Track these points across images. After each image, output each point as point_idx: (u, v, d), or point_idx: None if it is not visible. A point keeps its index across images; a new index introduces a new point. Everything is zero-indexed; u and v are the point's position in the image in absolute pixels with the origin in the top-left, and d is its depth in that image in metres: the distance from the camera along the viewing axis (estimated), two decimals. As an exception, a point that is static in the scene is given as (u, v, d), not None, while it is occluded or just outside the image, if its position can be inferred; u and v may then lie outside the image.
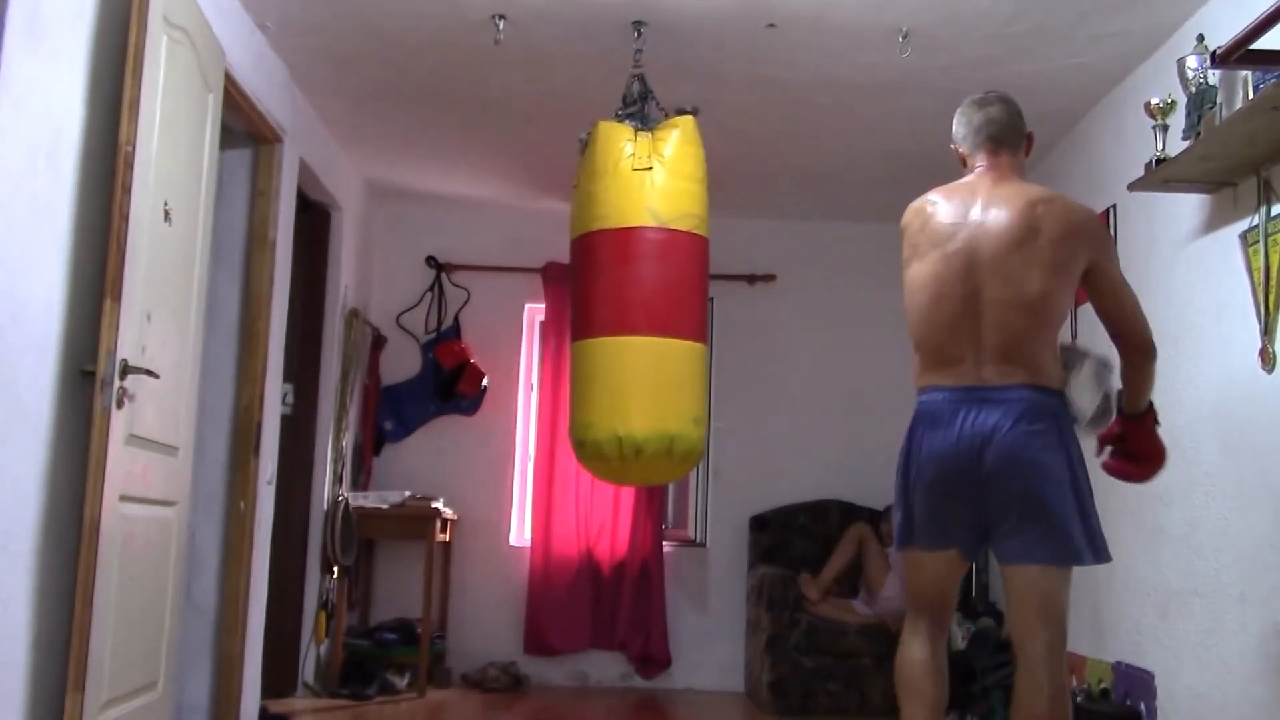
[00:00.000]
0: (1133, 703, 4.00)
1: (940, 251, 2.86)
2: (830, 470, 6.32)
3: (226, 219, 4.35)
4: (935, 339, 2.86)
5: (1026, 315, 2.78)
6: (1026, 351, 2.79)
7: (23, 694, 2.78)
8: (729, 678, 6.15)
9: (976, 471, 2.77)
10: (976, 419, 2.78)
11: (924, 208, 2.97)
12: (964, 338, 2.81)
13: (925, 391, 2.90)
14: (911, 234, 2.95)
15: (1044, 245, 2.79)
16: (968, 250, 2.82)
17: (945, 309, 2.83)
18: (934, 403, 2.86)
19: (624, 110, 4.01)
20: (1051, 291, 2.79)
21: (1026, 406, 2.76)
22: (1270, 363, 3.28)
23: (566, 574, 6.17)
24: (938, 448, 2.83)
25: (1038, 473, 2.74)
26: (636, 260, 3.80)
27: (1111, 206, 4.47)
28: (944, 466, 2.82)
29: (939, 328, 2.85)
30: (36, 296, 2.80)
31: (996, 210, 2.85)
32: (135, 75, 3.00)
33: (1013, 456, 2.75)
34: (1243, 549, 3.41)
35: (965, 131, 3.08)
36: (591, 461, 3.89)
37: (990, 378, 2.79)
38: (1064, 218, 2.83)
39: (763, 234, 6.51)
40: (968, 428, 2.78)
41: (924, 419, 2.88)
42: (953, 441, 2.80)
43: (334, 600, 5.55)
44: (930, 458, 2.85)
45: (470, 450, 6.36)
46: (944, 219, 2.89)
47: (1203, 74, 3.49)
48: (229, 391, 4.34)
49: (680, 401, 3.80)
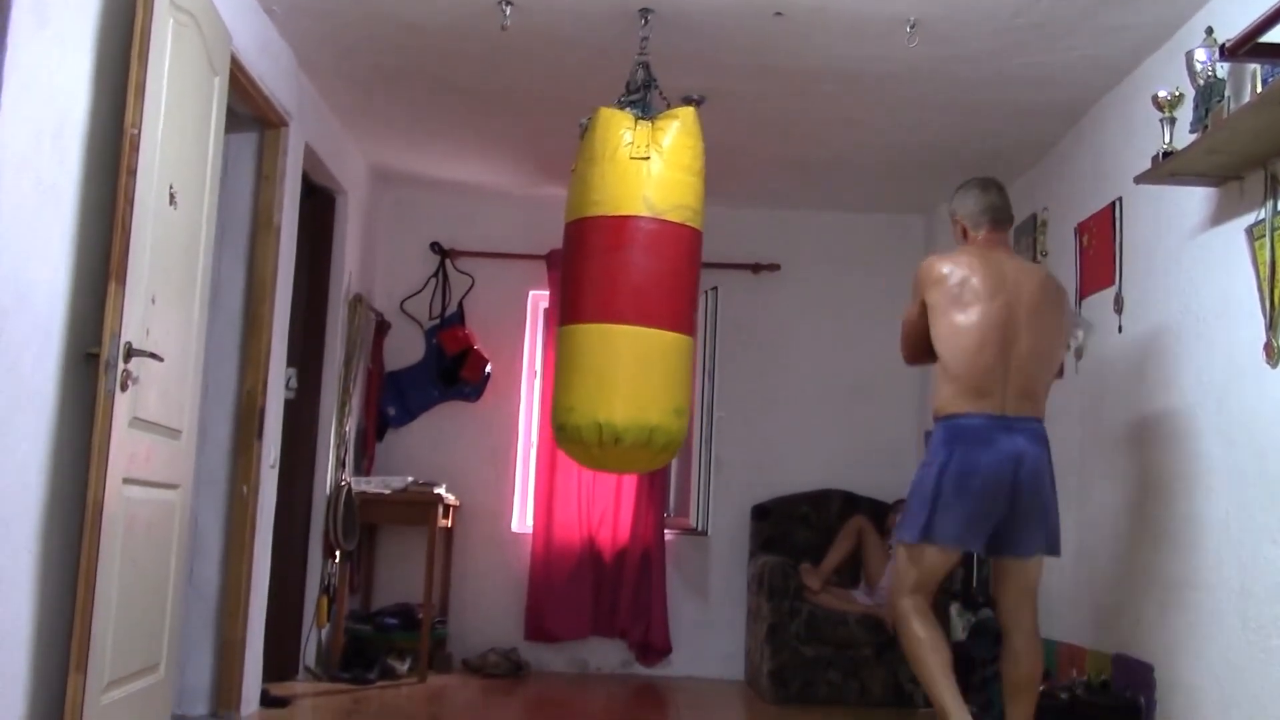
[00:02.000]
0: (1132, 695, 4.00)
1: (984, 306, 3.58)
2: (832, 460, 6.32)
3: (231, 203, 4.35)
4: (975, 376, 3.55)
5: (1040, 365, 3.62)
6: (1038, 392, 3.61)
7: (25, 675, 2.80)
8: (729, 666, 6.17)
9: (1011, 482, 3.51)
10: (1008, 441, 3.52)
11: (946, 269, 3.66)
12: (996, 377, 3.55)
13: (964, 416, 3.56)
14: (948, 286, 3.62)
15: (1052, 314, 3.65)
16: (1006, 310, 3.58)
17: (987, 354, 3.55)
18: (974, 426, 3.54)
19: (627, 97, 4.00)
20: (1057, 347, 3.71)
21: (1039, 434, 3.59)
22: (1274, 357, 3.28)
23: (568, 561, 6.18)
24: (983, 462, 3.50)
25: (1047, 485, 3.58)
26: (628, 249, 3.79)
27: (1118, 199, 4.46)
28: (988, 477, 3.50)
29: (980, 368, 3.55)
30: (41, 279, 2.80)
31: (1024, 280, 3.66)
32: (141, 58, 3.00)
33: (1037, 472, 3.55)
34: (1244, 542, 3.42)
35: (975, 209, 3.80)
36: (570, 446, 3.88)
37: (1012, 409, 3.54)
38: (1060, 292, 3.77)
39: (767, 223, 6.50)
40: (1006, 447, 3.51)
41: (966, 437, 3.54)
42: (997, 458, 3.50)
43: (336, 585, 5.57)
44: (975, 471, 3.51)
45: (473, 436, 6.36)
46: (983, 281, 3.61)
47: (1211, 67, 3.47)
48: (232, 375, 4.35)
49: (663, 392, 3.79)
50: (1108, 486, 4.42)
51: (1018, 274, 3.68)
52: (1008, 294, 3.61)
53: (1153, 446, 4.05)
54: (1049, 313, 3.64)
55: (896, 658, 5.45)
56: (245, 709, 4.35)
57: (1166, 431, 3.95)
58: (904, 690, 5.42)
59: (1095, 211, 4.68)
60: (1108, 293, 4.50)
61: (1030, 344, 3.59)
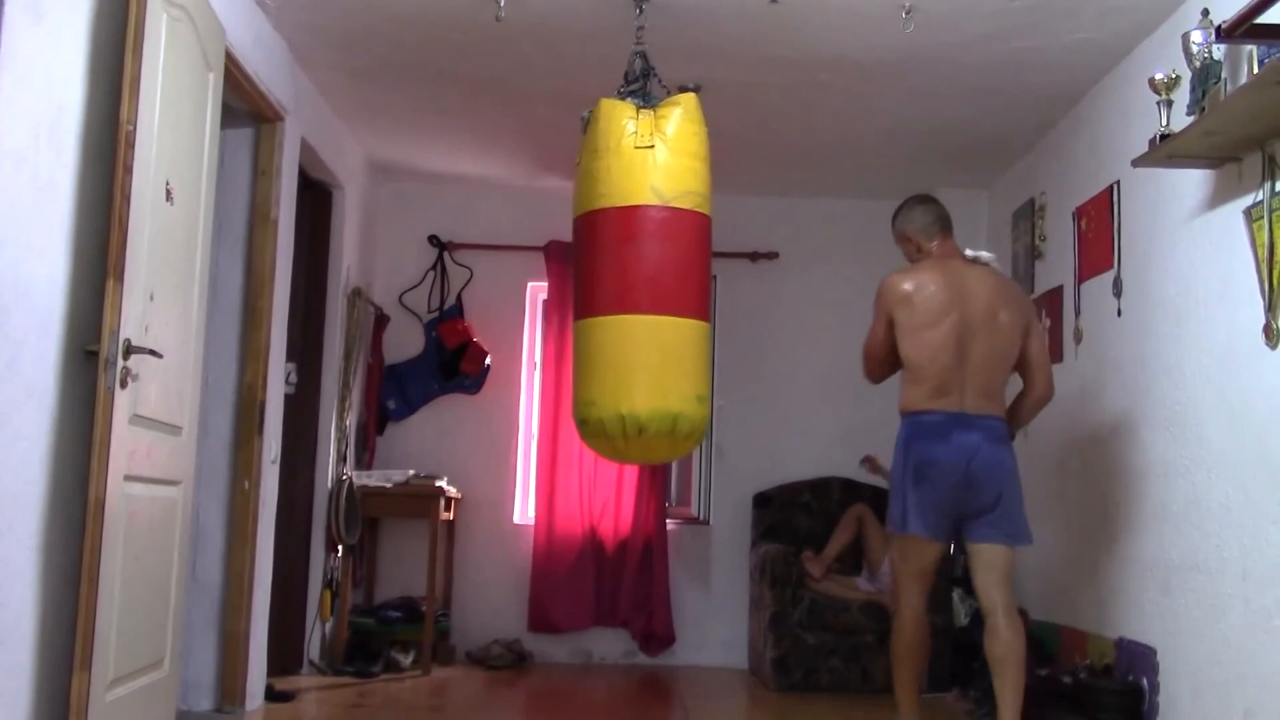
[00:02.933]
0: (1135, 678, 4.01)
1: (942, 320, 3.83)
2: (833, 448, 6.32)
3: (228, 198, 4.35)
4: (936, 377, 3.81)
5: (998, 365, 3.87)
6: (995, 391, 3.86)
7: (29, 673, 2.80)
8: (732, 654, 6.17)
9: (964, 474, 3.75)
10: (964, 436, 3.77)
11: (910, 285, 3.89)
12: (955, 378, 3.81)
13: (925, 413, 3.82)
14: (913, 303, 3.86)
15: (1005, 318, 3.87)
16: (964, 315, 3.83)
17: (947, 356, 3.81)
18: (934, 422, 3.80)
19: (626, 88, 3.99)
20: (1011, 349, 3.90)
21: (998, 431, 3.83)
22: (1274, 338, 3.28)
23: (570, 552, 6.18)
24: (939, 456, 3.76)
25: (1004, 477, 3.80)
26: (639, 239, 3.78)
27: (1115, 183, 4.46)
28: (943, 470, 3.76)
29: (941, 370, 3.81)
30: (39, 275, 2.80)
31: (979, 285, 3.89)
32: (135, 54, 2.99)
33: (991, 465, 3.78)
34: (1245, 525, 3.42)
35: (925, 222, 4.06)
36: (595, 440, 3.89)
37: (971, 408, 3.80)
38: (1015, 295, 3.98)
39: (765, 211, 6.49)
40: (959, 441, 3.77)
41: (925, 433, 3.80)
42: (950, 451, 3.76)
43: (339, 578, 5.57)
44: (932, 463, 3.77)
45: (473, 429, 6.37)
46: (943, 290, 3.86)
47: (1207, 49, 3.47)
48: (232, 371, 4.35)
49: (683, 380, 3.79)
50: (1108, 470, 4.42)
51: (973, 280, 3.92)
52: (965, 300, 3.86)
53: (1153, 429, 4.05)
54: (1004, 314, 3.88)
55: (899, 644, 5.46)
56: (250, 703, 4.35)
57: (1167, 414, 3.96)
58: (907, 676, 5.43)
59: (1093, 195, 4.68)
60: (1106, 276, 4.50)
61: (987, 346, 3.84)
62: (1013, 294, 3.96)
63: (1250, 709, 3.33)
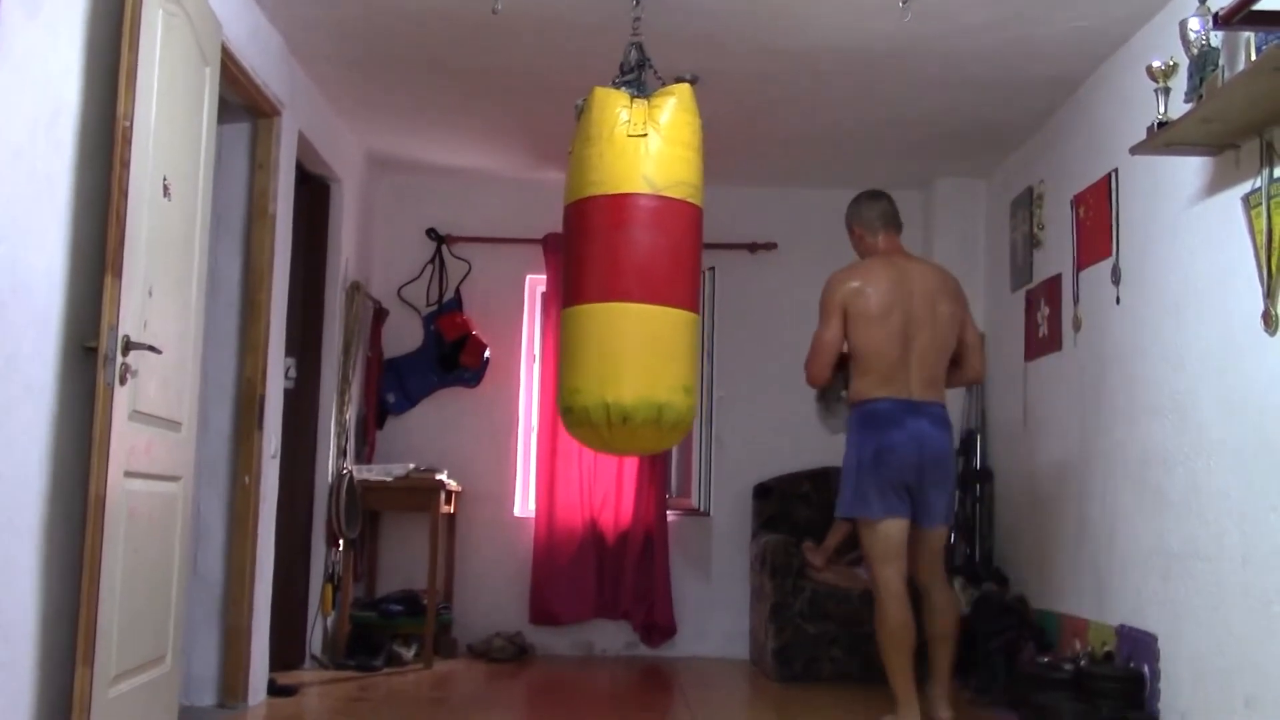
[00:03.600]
0: (1136, 665, 4.02)
1: (889, 316, 4.10)
2: (832, 438, 6.27)
3: (226, 193, 4.34)
4: (885, 370, 4.09)
5: (940, 354, 4.17)
6: (938, 379, 4.17)
7: (32, 670, 2.81)
8: (733, 645, 6.18)
9: (918, 459, 4.06)
10: (914, 423, 4.07)
11: (858, 282, 4.16)
12: (901, 368, 4.09)
13: (876, 401, 4.10)
14: (862, 298, 4.13)
15: (945, 310, 4.17)
16: (908, 307, 4.12)
17: (894, 347, 4.09)
18: (885, 409, 4.09)
19: (621, 78, 3.98)
20: (951, 339, 4.20)
21: (942, 417, 4.16)
22: (1273, 325, 3.28)
23: (571, 544, 6.19)
24: (897, 441, 4.05)
25: (947, 461, 4.16)
26: (630, 227, 3.76)
27: (1113, 171, 4.45)
28: (900, 454, 4.04)
29: (888, 361, 4.08)
30: (37, 269, 2.80)
31: (922, 279, 4.19)
32: (131, 49, 2.99)
33: (939, 449, 4.11)
34: (1245, 512, 3.42)
35: (871, 216, 4.33)
36: (579, 429, 3.84)
37: (917, 395, 4.09)
38: (953, 287, 4.26)
39: (763, 202, 6.49)
40: (912, 428, 4.05)
41: (879, 420, 4.08)
42: (905, 437, 4.05)
43: (340, 572, 5.58)
44: (891, 448, 4.05)
45: (473, 422, 6.37)
46: (889, 284, 4.14)
47: (1205, 36, 3.46)
48: (231, 366, 4.35)
49: (670, 370, 3.76)
50: (1108, 458, 4.42)
51: (917, 274, 4.21)
52: (909, 294, 4.13)
53: (1153, 417, 4.05)
54: (946, 306, 4.17)
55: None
56: (253, 698, 4.36)
57: (1166, 402, 3.96)
58: (909, 665, 5.44)
59: (1091, 183, 4.67)
60: (1105, 264, 4.50)
61: (930, 337, 4.13)
62: (950, 286, 4.25)
63: (1251, 695, 3.34)
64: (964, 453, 6.03)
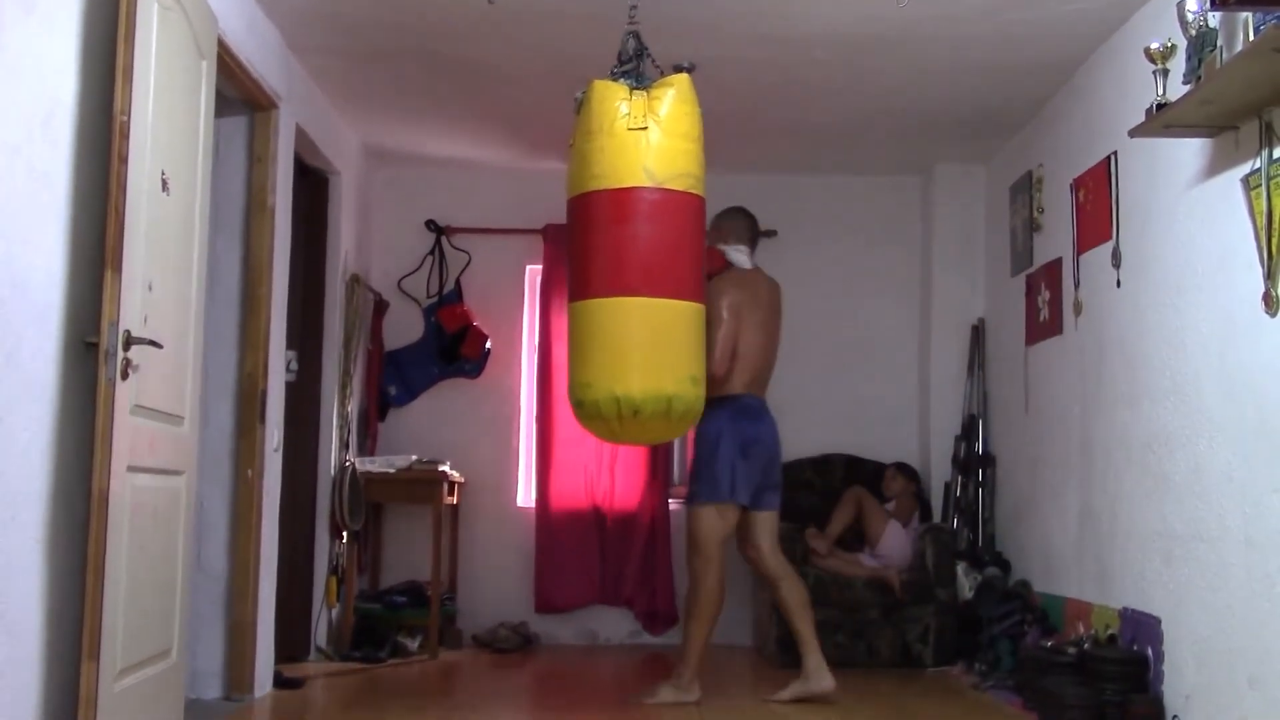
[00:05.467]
0: (1139, 648, 4.03)
1: (753, 322, 4.59)
2: (834, 425, 6.33)
3: (224, 187, 4.34)
4: (751, 370, 4.58)
5: (773, 361, 4.74)
6: (769, 380, 4.72)
7: (38, 665, 2.81)
8: (737, 632, 6.19)
9: (770, 451, 4.59)
10: (768, 417, 4.62)
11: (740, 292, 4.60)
12: (754, 369, 4.59)
13: (745, 397, 4.56)
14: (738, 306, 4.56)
15: (776, 321, 4.75)
16: (760, 324, 4.62)
17: (755, 354, 4.59)
18: (752, 405, 4.58)
19: (619, 68, 3.98)
20: (777, 346, 4.77)
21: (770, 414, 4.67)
22: (1273, 306, 3.28)
23: (573, 533, 6.20)
24: (761, 434, 4.55)
25: (779, 453, 4.68)
26: (633, 220, 3.78)
27: (1113, 153, 4.45)
28: (761, 447, 4.53)
29: (751, 364, 4.58)
30: (37, 266, 2.80)
31: (767, 292, 4.72)
32: (128, 44, 2.98)
33: (776, 443, 4.65)
34: (1247, 494, 3.42)
35: (741, 233, 4.76)
36: (590, 422, 3.90)
37: (759, 393, 4.63)
38: (779, 299, 4.80)
39: (763, 190, 6.45)
40: (767, 421, 4.60)
41: (749, 414, 4.55)
42: (765, 431, 4.58)
43: (344, 565, 5.59)
44: (755, 440, 4.52)
45: (475, 413, 6.37)
46: (755, 293, 4.64)
47: (1203, 17, 3.45)
48: (232, 359, 4.35)
49: (678, 361, 3.80)
50: (1110, 441, 4.42)
51: (763, 288, 4.72)
52: (762, 305, 4.65)
53: (1154, 400, 4.05)
54: (777, 318, 4.76)
55: (904, 619, 5.48)
56: (258, 691, 4.37)
57: (1167, 384, 3.96)
58: (912, 651, 5.45)
59: (1090, 166, 4.67)
60: (1105, 247, 4.49)
61: (772, 343, 4.71)
62: (779, 298, 4.80)
63: (1255, 676, 3.35)
64: (966, 438, 6.04)
